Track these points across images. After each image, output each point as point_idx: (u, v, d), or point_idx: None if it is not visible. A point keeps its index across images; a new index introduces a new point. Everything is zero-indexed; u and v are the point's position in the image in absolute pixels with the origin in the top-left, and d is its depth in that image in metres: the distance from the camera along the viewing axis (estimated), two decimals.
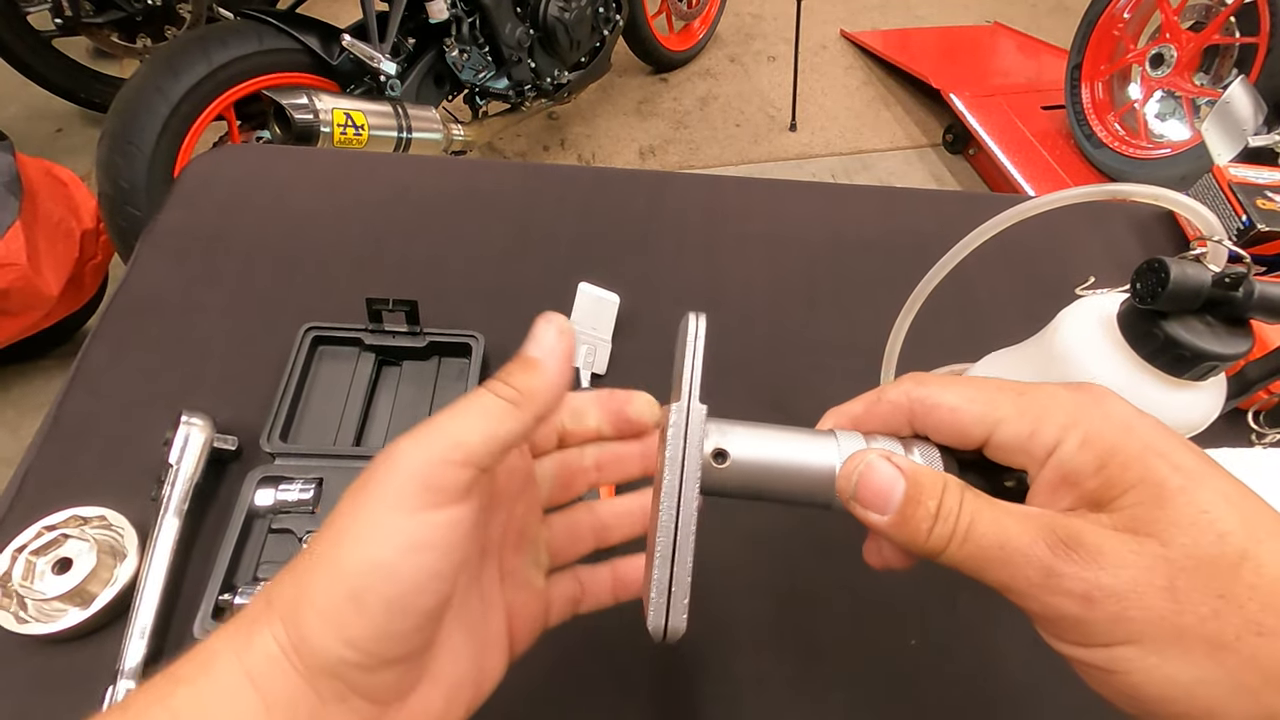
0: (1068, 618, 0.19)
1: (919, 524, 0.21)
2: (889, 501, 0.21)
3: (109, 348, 0.48)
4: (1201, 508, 0.18)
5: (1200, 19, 1.74)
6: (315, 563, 0.20)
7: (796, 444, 0.24)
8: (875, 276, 0.58)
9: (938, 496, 0.21)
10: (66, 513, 0.39)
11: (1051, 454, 0.21)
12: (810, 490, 0.23)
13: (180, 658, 0.20)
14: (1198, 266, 0.32)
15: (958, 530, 0.20)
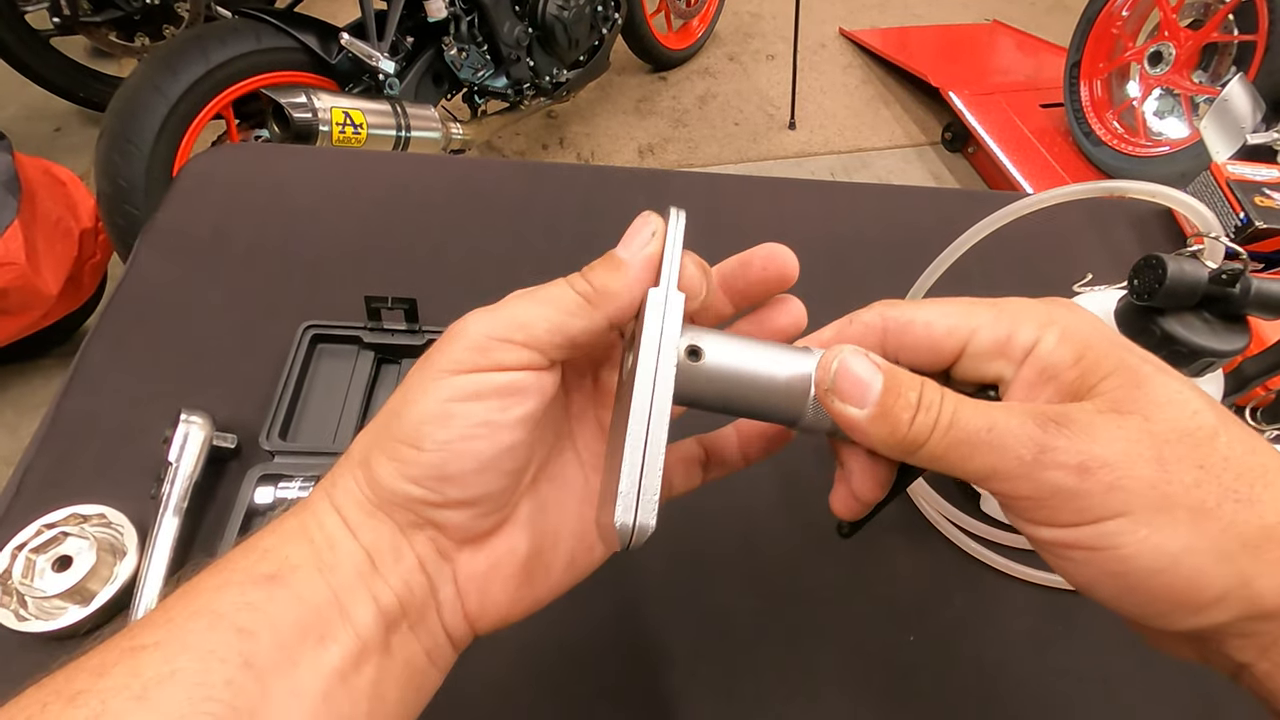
0: (1062, 492, 0.19)
1: (900, 414, 0.20)
2: (867, 394, 0.21)
3: (108, 346, 0.48)
4: (1174, 389, 0.19)
5: (1199, 17, 1.74)
6: (383, 418, 0.22)
7: (771, 353, 0.23)
8: (875, 274, 0.58)
9: (917, 389, 0.21)
10: (66, 510, 0.39)
11: (1030, 352, 0.21)
12: (783, 401, 0.23)
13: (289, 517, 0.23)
14: (1195, 263, 0.32)
15: (941, 419, 0.20)
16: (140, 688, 0.18)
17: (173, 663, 0.18)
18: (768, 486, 0.45)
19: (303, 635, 0.20)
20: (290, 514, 0.22)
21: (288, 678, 0.19)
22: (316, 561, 0.21)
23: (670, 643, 0.40)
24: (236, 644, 0.19)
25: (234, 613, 0.19)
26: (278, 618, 0.20)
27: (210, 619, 0.19)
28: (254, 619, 0.19)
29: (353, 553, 0.21)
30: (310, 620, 0.20)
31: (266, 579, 0.20)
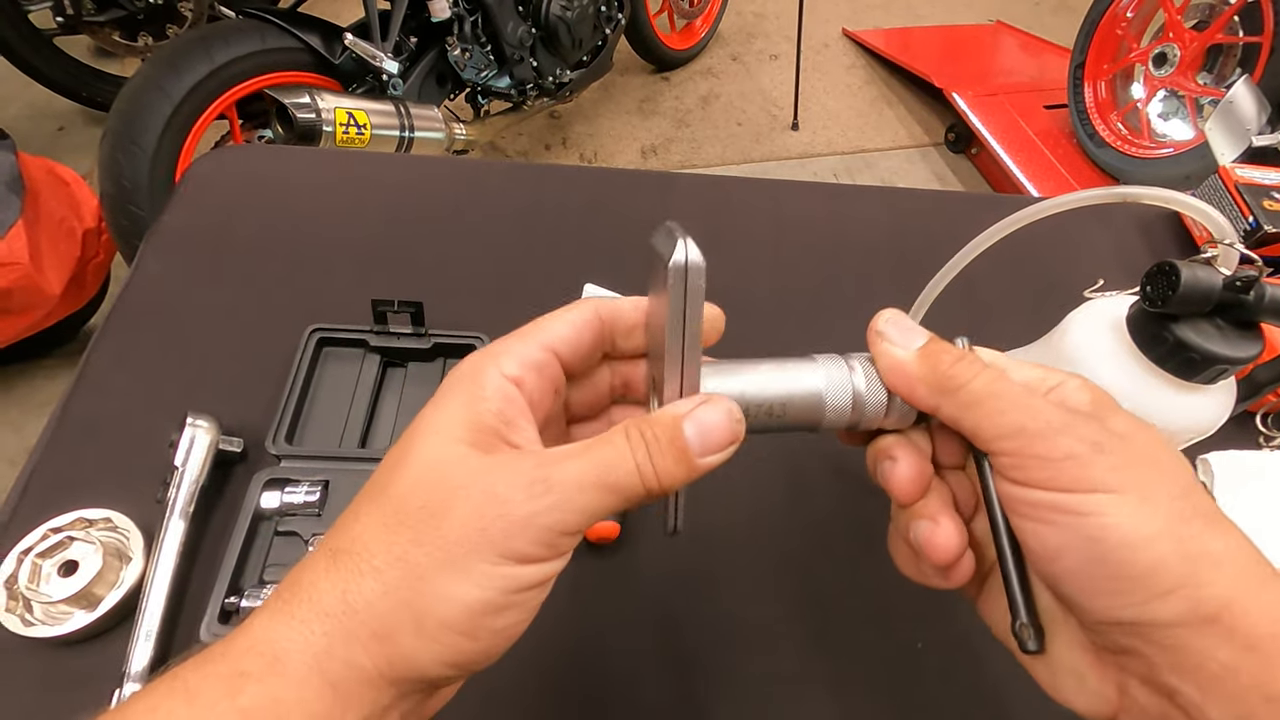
0: (1075, 458, 0.21)
1: (941, 356, 0.23)
2: (913, 339, 0.24)
3: (114, 349, 0.48)
4: (1160, 448, 0.22)
5: (1203, 18, 1.73)
6: (416, 584, 0.19)
7: (780, 374, 0.25)
8: (880, 277, 0.58)
9: (961, 352, 0.24)
10: (72, 515, 0.39)
11: (1054, 390, 0.24)
12: (802, 414, 0.25)
13: (234, 640, 0.19)
14: (1209, 270, 0.32)
15: (984, 373, 0.23)
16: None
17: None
18: (773, 491, 0.45)
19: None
20: (257, 666, 0.19)
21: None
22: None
23: (674, 647, 0.39)
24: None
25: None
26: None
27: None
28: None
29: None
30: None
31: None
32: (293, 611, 0.19)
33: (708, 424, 0.22)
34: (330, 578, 0.20)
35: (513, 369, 0.22)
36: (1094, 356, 0.37)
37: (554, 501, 0.20)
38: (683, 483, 0.22)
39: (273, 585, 0.37)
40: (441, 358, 0.49)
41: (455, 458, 0.21)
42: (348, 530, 0.21)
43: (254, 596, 0.36)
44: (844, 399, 0.25)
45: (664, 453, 0.21)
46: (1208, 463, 0.46)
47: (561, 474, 0.20)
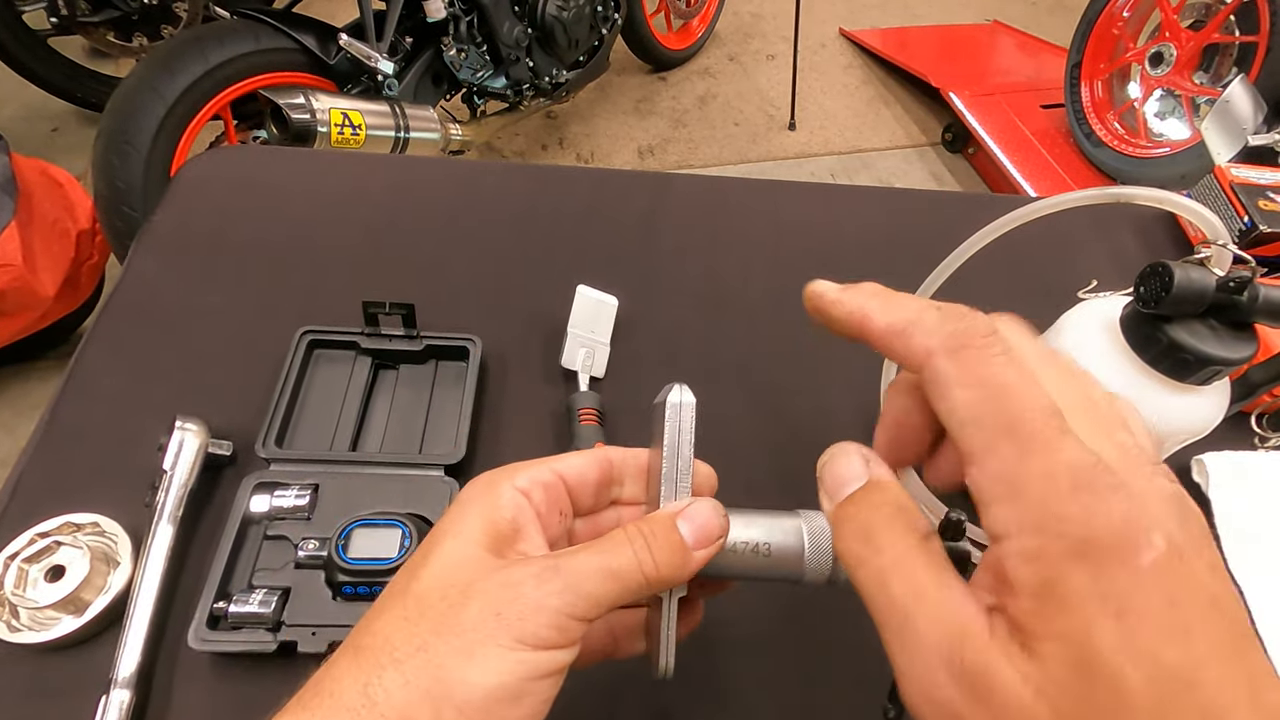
0: None
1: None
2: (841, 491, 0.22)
3: (103, 351, 0.47)
4: None
5: (1200, 17, 1.73)
6: (435, 671, 0.20)
7: (766, 519, 0.26)
8: (876, 277, 0.58)
9: None
10: (60, 519, 0.38)
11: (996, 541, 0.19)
12: (785, 572, 0.25)
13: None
14: (1202, 270, 0.32)
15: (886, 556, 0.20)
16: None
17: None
18: (768, 491, 0.45)
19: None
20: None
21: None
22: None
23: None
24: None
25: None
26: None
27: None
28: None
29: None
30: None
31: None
32: (315, 710, 0.20)
33: (699, 519, 0.23)
34: (352, 673, 0.20)
35: (523, 483, 0.24)
36: (1087, 357, 0.37)
37: (563, 585, 0.21)
38: (680, 574, 0.23)
39: (261, 590, 0.37)
40: (433, 359, 0.48)
41: (474, 558, 0.22)
42: (369, 627, 0.22)
43: (242, 601, 0.36)
44: (825, 560, 0.25)
45: (661, 546, 0.23)
46: (1202, 464, 0.46)
47: (569, 562, 0.22)
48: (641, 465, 0.28)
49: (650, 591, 0.23)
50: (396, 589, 0.22)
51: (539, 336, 0.51)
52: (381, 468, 0.42)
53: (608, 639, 0.28)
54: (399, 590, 0.22)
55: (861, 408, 0.49)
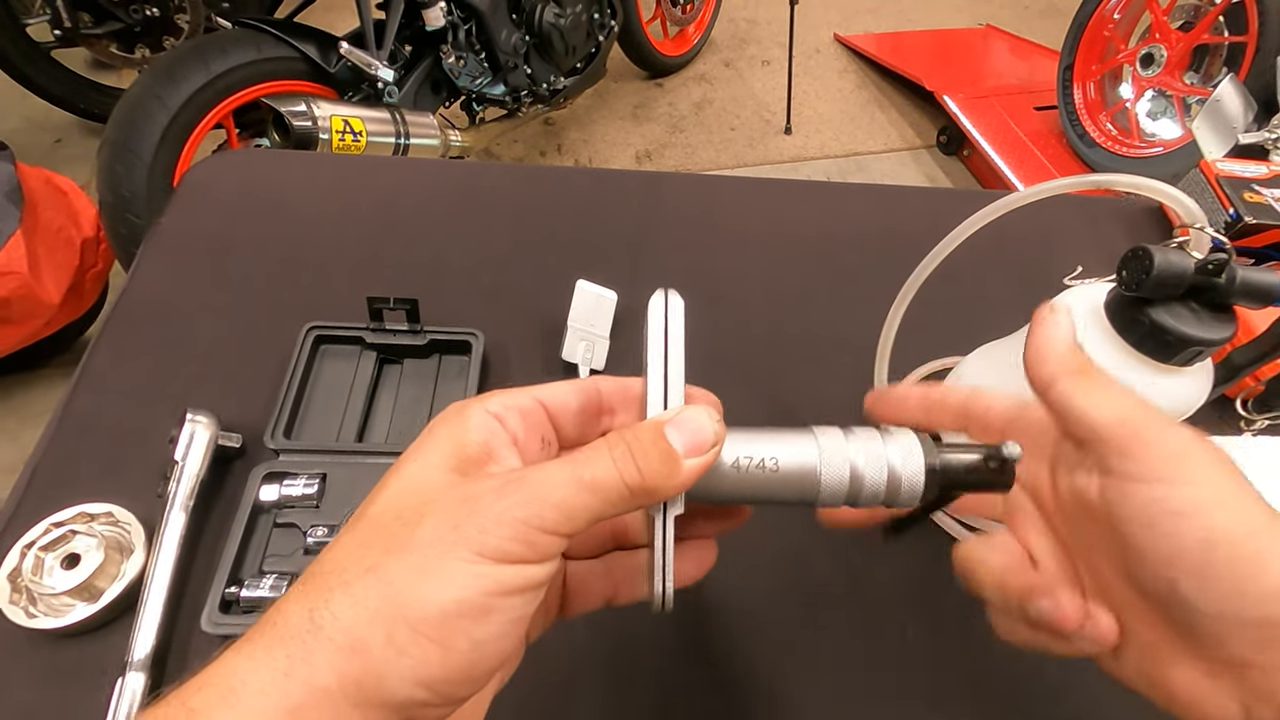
0: (1178, 455, 0.21)
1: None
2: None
3: (114, 349, 0.48)
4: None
5: (1189, 19, 1.75)
6: (386, 589, 0.18)
7: (774, 436, 0.24)
8: (869, 273, 0.59)
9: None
10: (74, 509, 0.39)
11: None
12: (798, 491, 0.24)
13: (190, 680, 0.18)
14: (1181, 254, 0.33)
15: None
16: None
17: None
18: None
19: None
20: (208, 700, 0.17)
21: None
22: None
23: (666, 634, 0.40)
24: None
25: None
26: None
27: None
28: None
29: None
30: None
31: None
32: (256, 641, 0.18)
33: (689, 424, 0.21)
34: (298, 601, 0.19)
35: (496, 407, 0.22)
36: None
37: (528, 495, 0.19)
38: (669, 487, 0.21)
39: (272, 575, 0.38)
40: (437, 354, 0.49)
41: (434, 479, 0.20)
42: (322, 557, 0.20)
43: (254, 586, 0.37)
44: (840, 473, 0.23)
45: (646, 453, 0.21)
46: None
47: (535, 473, 0.20)
48: (634, 394, 0.25)
49: (636, 503, 0.21)
50: (354, 516, 0.21)
51: (540, 331, 0.52)
52: (387, 457, 0.43)
53: (607, 583, 0.26)
54: (355, 517, 0.20)
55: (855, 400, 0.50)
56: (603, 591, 0.26)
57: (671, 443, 0.21)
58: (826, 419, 0.25)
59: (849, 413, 0.49)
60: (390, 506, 0.20)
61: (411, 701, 0.18)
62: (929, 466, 0.23)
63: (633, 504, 0.21)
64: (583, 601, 0.26)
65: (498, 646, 0.19)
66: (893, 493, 0.24)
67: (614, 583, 0.26)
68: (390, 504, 0.20)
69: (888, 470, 0.23)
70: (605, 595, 0.26)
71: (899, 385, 0.29)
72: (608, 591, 0.26)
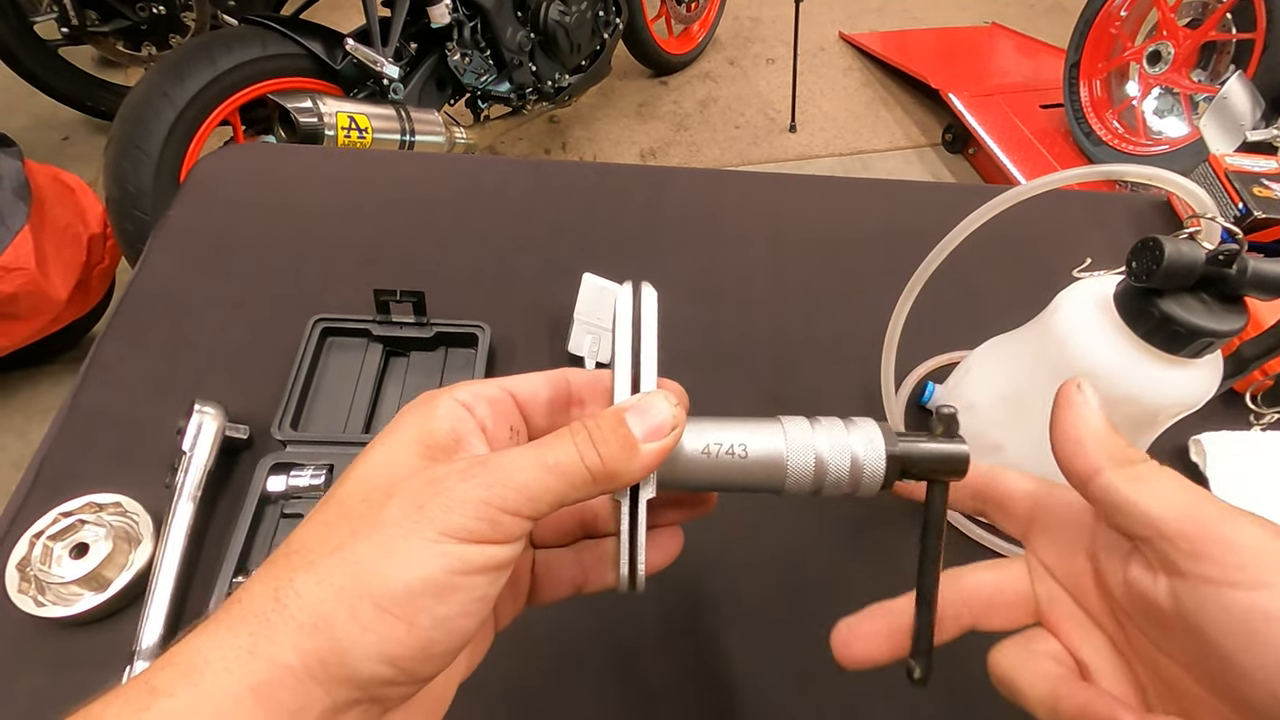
0: (1260, 549, 0.19)
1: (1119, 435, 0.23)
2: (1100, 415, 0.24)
3: (122, 341, 0.49)
4: None
5: (1197, 16, 1.74)
6: (351, 568, 0.18)
7: (743, 424, 0.24)
8: (874, 268, 0.59)
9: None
10: (83, 499, 0.39)
11: None
12: (766, 477, 0.24)
13: (158, 660, 0.18)
14: (1191, 244, 0.33)
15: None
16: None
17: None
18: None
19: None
20: (171, 679, 0.17)
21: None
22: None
23: (667, 634, 0.40)
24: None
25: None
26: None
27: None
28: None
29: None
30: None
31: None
32: (221, 620, 0.18)
33: (649, 411, 0.22)
34: (263, 581, 0.19)
35: (464, 396, 0.23)
36: (1083, 334, 0.37)
37: (492, 478, 0.20)
38: (630, 471, 0.21)
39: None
40: (443, 346, 0.49)
41: (401, 461, 0.21)
42: (289, 539, 0.20)
43: None
44: (805, 462, 0.24)
45: (608, 439, 0.21)
46: (1200, 443, 0.47)
47: (500, 457, 0.20)
48: (604, 387, 0.26)
49: (600, 488, 0.21)
50: (321, 501, 0.21)
51: (545, 324, 0.52)
52: None
53: (576, 570, 0.27)
54: (323, 501, 0.21)
55: (858, 397, 0.50)
56: (572, 579, 0.27)
57: (631, 428, 0.21)
58: (831, 413, 0.25)
59: (852, 408, 0.49)
60: (357, 490, 0.20)
61: (376, 679, 0.18)
62: (889, 453, 0.24)
63: (596, 488, 0.21)
64: (552, 589, 0.27)
65: (461, 624, 0.19)
66: (855, 478, 0.24)
67: (583, 570, 0.27)
68: (357, 487, 0.20)
69: (850, 457, 0.24)
70: (575, 583, 0.27)
71: None
72: (577, 579, 0.27)
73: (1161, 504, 0.21)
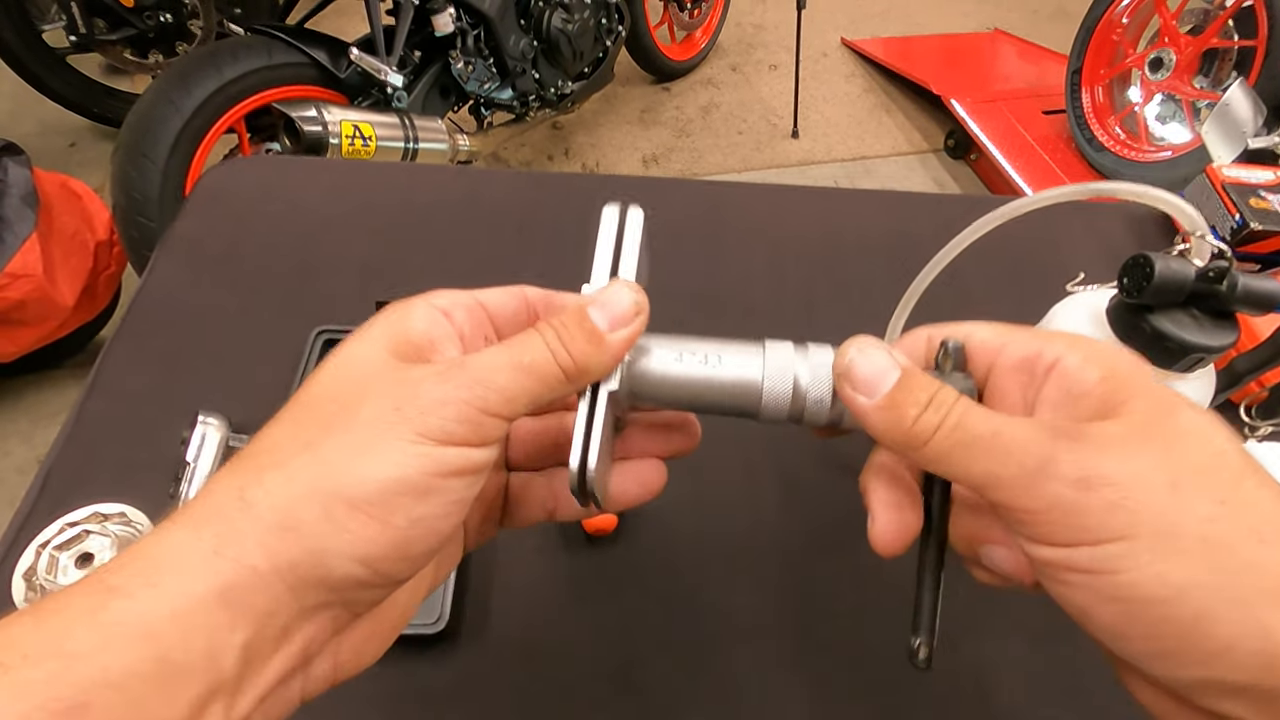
0: (1060, 505, 0.17)
1: (907, 409, 0.20)
2: (879, 385, 0.21)
3: (127, 352, 0.49)
4: (1203, 423, 0.18)
5: (1198, 22, 1.75)
6: (322, 467, 0.18)
7: (721, 344, 0.24)
8: (873, 279, 0.59)
9: (930, 390, 0.20)
10: (88, 509, 0.40)
11: (1053, 368, 0.20)
12: (736, 401, 0.23)
13: (113, 560, 0.17)
14: (1182, 261, 0.33)
15: (948, 419, 0.19)
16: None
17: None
18: (769, 486, 0.46)
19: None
20: (130, 579, 0.16)
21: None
22: (160, 670, 0.16)
23: (670, 639, 0.40)
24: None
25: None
26: None
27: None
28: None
29: (219, 656, 0.16)
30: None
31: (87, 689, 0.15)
32: (181, 521, 0.18)
33: (610, 302, 0.22)
34: (226, 480, 0.18)
35: (443, 303, 0.22)
36: None
37: (470, 379, 0.19)
38: (600, 363, 0.21)
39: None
40: None
41: (375, 359, 0.20)
42: (255, 439, 0.19)
43: None
44: (783, 385, 0.23)
45: (574, 336, 0.21)
46: None
47: (475, 359, 0.20)
48: (558, 304, 0.26)
49: (573, 384, 0.21)
50: (290, 401, 0.20)
51: None
52: None
53: (548, 494, 0.26)
54: (291, 401, 0.20)
55: None
56: (544, 503, 0.26)
57: (595, 321, 0.21)
58: None
59: None
60: (328, 388, 0.20)
61: (349, 580, 0.18)
62: None
63: (570, 385, 0.21)
64: (525, 512, 0.26)
65: (436, 525, 0.19)
66: (839, 408, 0.23)
67: (555, 495, 0.26)
68: (328, 386, 0.20)
69: (831, 384, 0.23)
70: (547, 508, 0.26)
71: None
72: (549, 504, 0.26)
73: (967, 478, 0.19)
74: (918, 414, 0.20)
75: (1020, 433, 0.19)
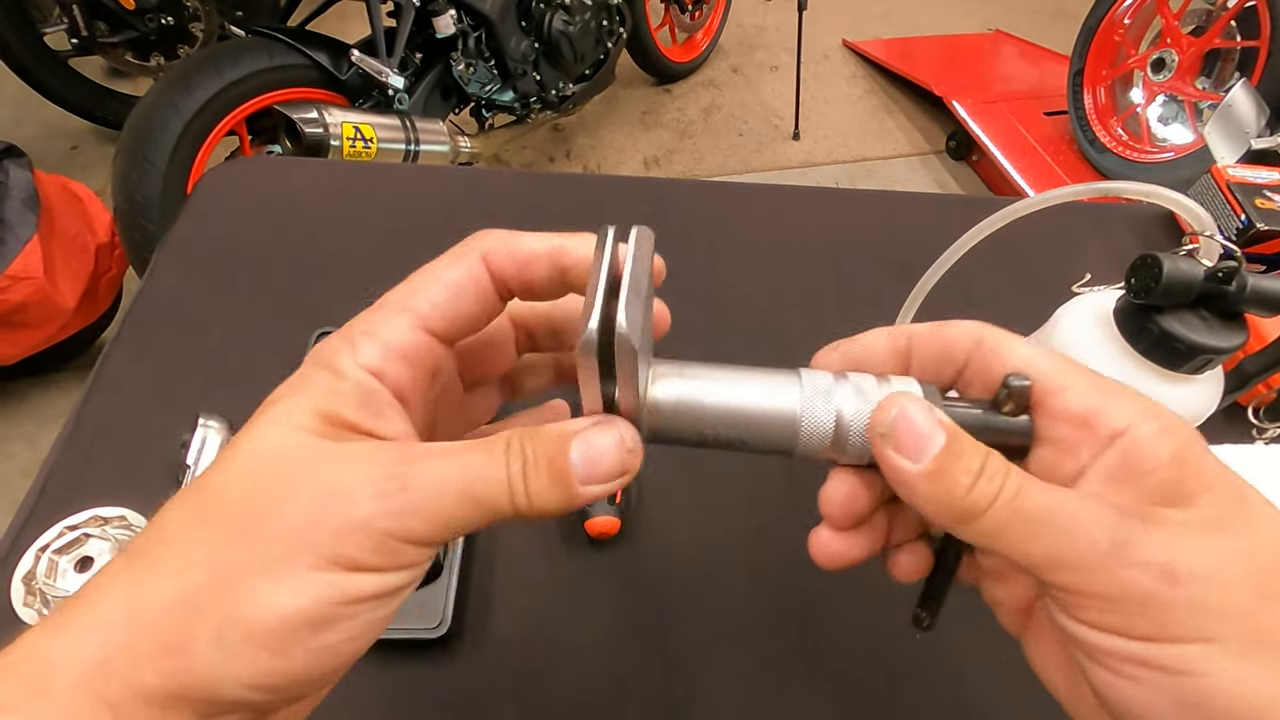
0: (1141, 596, 0.16)
1: (957, 477, 0.18)
2: (925, 448, 0.18)
3: (128, 354, 0.49)
4: (1275, 516, 0.17)
5: (1201, 23, 1.74)
6: (218, 582, 0.16)
7: (750, 388, 0.21)
8: (877, 280, 0.59)
9: (981, 456, 0.18)
10: (88, 513, 0.40)
11: (1119, 436, 0.18)
12: (770, 439, 0.21)
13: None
14: (1190, 261, 0.33)
15: (1005, 490, 0.18)
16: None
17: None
18: (772, 489, 0.46)
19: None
20: (14, 691, 0.16)
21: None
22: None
23: (672, 642, 0.40)
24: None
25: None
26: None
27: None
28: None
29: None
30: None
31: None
32: (67, 623, 0.16)
33: (596, 449, 0.19)
34: (117, 582, 0.17)
35: (372, 360, 0.19)
36: (1083, 349, 0.37)
37: (406, 504, 0.17)
38: (556, 509, 0.19)
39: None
40: None
41: (293, 446, 0.17)
42: (150, 531, 0.17)
43: None
44: (823, 426, 0.20)
45: (540, 473, 0.18)
46: None
47: (421, 473, 0.17)
48: (523, 256, 0.21)
49: (515, 520, 0.19)
50: (193, 484, 0.18)
51: None
52: None
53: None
54: (194, 486, 0.18)
55: None
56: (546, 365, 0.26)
57: (574, 464, 0.18)
58: None
59: None
60: (235, 484, 0.17)
61: (245, 703, 0.17)
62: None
63: (513, 520, 0.19)
64: (533, 383, 0.26)
65: (341, 650, 0.17)
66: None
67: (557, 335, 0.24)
68: (236, 481, 0.17)
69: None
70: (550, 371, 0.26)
71: None
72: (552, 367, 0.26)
73: (1025, 558, 0.18)
74: (970, 483, 0.18)
75: (1088, 510, 0.17)
